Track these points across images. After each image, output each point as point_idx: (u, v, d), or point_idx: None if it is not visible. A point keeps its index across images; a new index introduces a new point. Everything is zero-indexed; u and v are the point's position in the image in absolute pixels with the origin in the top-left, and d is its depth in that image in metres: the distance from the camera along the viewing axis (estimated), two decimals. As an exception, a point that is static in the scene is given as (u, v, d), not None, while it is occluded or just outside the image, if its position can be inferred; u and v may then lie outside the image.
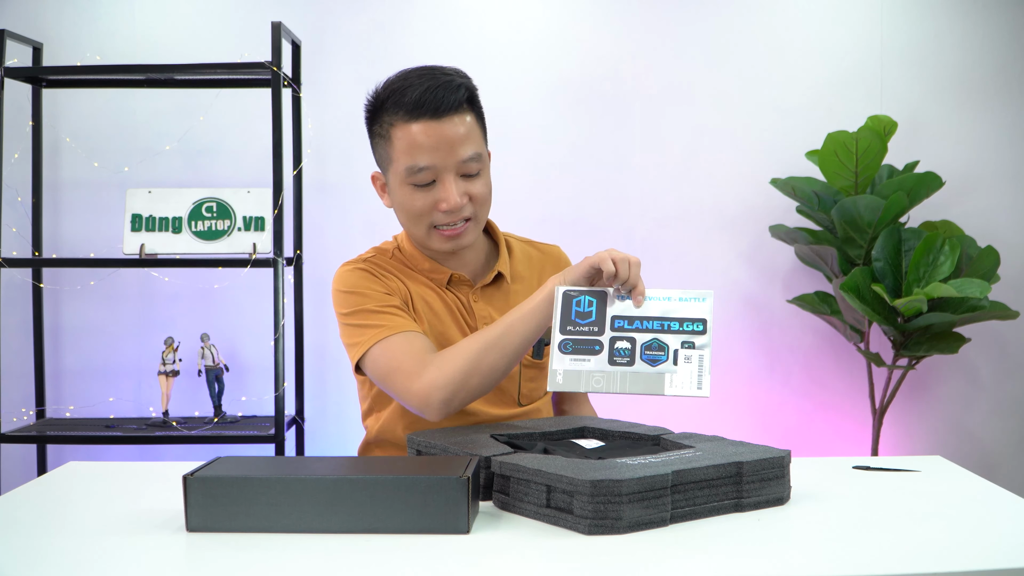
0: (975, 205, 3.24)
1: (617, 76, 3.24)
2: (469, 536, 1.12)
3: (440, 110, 1.52)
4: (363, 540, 1.11)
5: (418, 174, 1.54)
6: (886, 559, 1.04)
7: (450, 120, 1.53)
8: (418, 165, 1.54)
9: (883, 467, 1.48)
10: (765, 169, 3.22)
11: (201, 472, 1.16)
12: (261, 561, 1.05)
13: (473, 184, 1.57)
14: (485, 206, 1.61)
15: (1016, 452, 3.30)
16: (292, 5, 3.17)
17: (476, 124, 1.58)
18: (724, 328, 3.27)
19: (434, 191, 1.56)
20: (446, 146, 1.53)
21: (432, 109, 1.52)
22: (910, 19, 3.24)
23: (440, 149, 1.53)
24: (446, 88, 1.53)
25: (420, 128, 1.52)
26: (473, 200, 1.57)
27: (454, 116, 1.53)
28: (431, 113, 1.52)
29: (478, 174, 1.57)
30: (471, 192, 1.57)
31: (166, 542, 1.12)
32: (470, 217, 1.58)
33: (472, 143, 1.55)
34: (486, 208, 1.61)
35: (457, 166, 1.54)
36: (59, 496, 1.35)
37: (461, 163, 1.54)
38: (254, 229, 2.93)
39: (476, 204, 1.58)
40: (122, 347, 3.19)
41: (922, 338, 2.95)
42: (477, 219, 1.60)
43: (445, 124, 1.53)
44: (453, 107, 1.53)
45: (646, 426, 1.47)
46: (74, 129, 3.18)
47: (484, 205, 1.60)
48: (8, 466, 3.14)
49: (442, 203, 1.55)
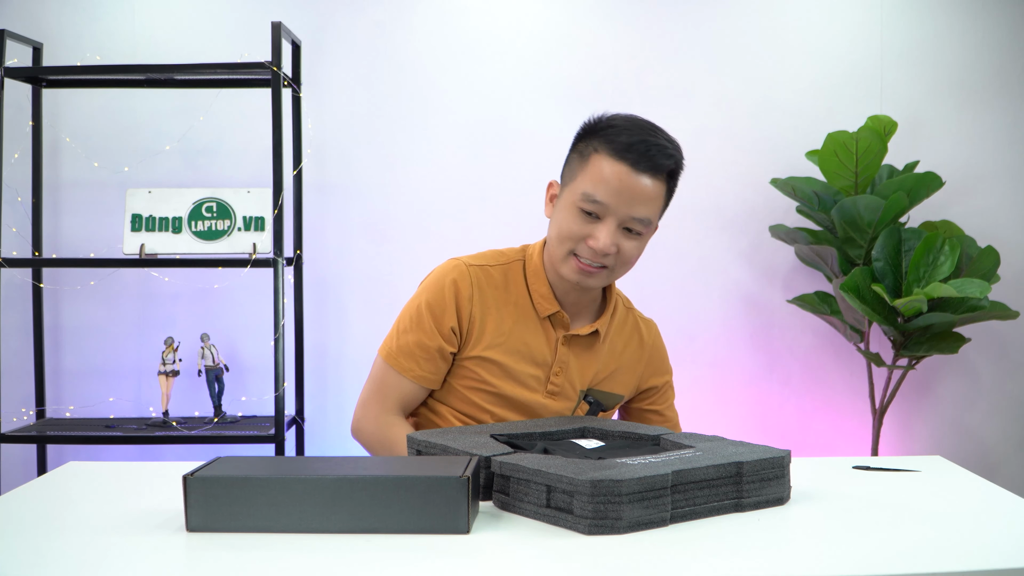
0: (975, 205, 3.24)
1: (617, 76, 3.24)
2: (469, 536, 1.12)
3: (641, 165, 1.59)
4: (363, 540, 1.11)
5: (591, 203, 1.59)
6: (886, 559, 1.04)
7: (645, 178, 1.59)
8: (595, 197, 1.59)
9: (883, 467, 1.48)
10: (765, 169, 3.22)
11: (201, 472, 1.16)
12: (261, 561, 1.05)
13: (629, 241, 1.61)
14: (626, 266, 1.65)
15: (1016, 452, 3.30)
16: (292, 5, 3.17)
17: (663, 195, 1.63)
18: (724, 328, 3.27)
19: (594, 225, 1.60)
20: (628, 196, 1.58)
21: (635, 161, 1.59)
22: (910, 19, 3.24)
23: (622, 195, 1.58)
24: (659, 151, 1.61)
25: (617, 170, 1.59)
26: (619, 254, 1.61)
27: (650, 177, 1.60)
28: (633, 163, 1.59)
29: (638, 235, 1.62)
30: (622, 247, 1.61)
31: (166, 542, 1.12)
32: (608, 266, 1.62)
33: (650, 208, 1.60)
34: (626, 268, 1.65)
35: (625, 218, 1.59)
36: (59, 496, 1.35)
37: (630, 218, 1.59)
38: (254, 229, 2.93)
39: (619, 259, 1.62)
40: (122, 347, 3.19)
41: (922, 338, 2.95)
42: (612, 271, 1.64)
43: (640, 178, 1.59)
44: (653, 170, 1.60)
45: (646, 426, 1.47)
46: (74, 129, 3.18)
47: (626, 264, 1.64)
48: (8, 466, 3.14)
49: (592, 239, 1.59)
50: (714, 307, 3.27)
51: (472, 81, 3.21)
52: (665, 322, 3.26)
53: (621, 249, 1.61)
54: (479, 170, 3.22)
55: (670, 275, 3.25)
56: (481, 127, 3.21)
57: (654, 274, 3.26)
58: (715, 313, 3.27)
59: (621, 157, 1.59)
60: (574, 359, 1.71)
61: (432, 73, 3.21)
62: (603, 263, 1.61)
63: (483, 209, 3.21)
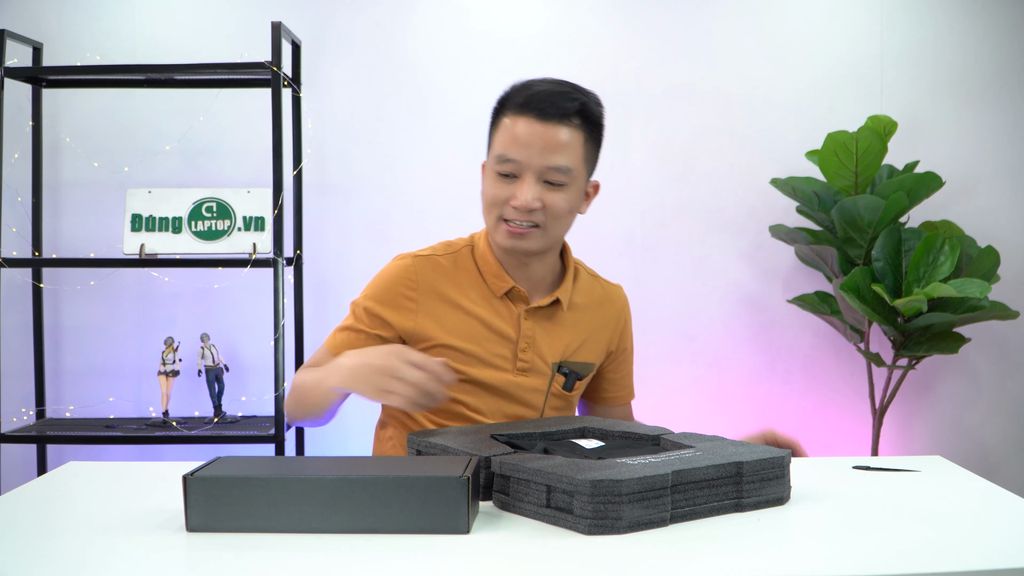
0: (975, 205, 3.24)
1: (617, 76, 3.24)
2: (469, 536, 1.12)
3: (546, 113, 1.56)
4: (363, 540, 1.11)
5: (504, 164, 1.58)
6: (886, 559, 1.04)
7: (552, 126, 1.57)
8: (507, 156, 1.58)
9: (883, 467, 1.48)
10: (765, 169, 3.22)
11: (201, 472, 1.16)
12: (261, 561, 1.05)
13: (552, 194, 1.58)
14: (558, 221, 1.61)
15: (1016, 452, 3.30)
16: (292, 5, 3.17)
17: (580, 142, 1.60)
18: (724, 328, 3.27)
19: (514, 185, 1.58)
20: (539, 147, 1.56)
21: (539, 110, 1.57)
22: (910, 19, 3.24)
23: (533, 147, 1.56)
24: (561, 96, 1.58)
25: (522, 123, 1.57)
26: (545, 209, 1.58)
27: (558, 124, 1.57)
28: (537, 113, 1.57)
29: (561, 187, 1.59)
30: (546, 201, 1.58)
31: (166, 542, 1.12)
32: (539, 224, 1.59)
33: (566, 155, 1.57)
34: (559, 224, 1.62)
35: (541, 170, 1.57)
36: (59, 496, 1.35)
37: (546, 168, 1.57)
38: (254, 229, 2.94)
39: (548, 215, 1.59)
40: (122, 347, 3.19)
41: (922, 338, 2.95)
42: (546, 230, 1.60)
43: (546, 128, 1.57)
44: (559, 115, 1.57)
45: (646, 426, 1.47)
46: (74, 129, 3.18)
47: (557, 220, 1.60)
48: (8, 466, 3.14)
49: (514, 198, 1.57)
50: (714, 307, 3.26)
51: (472, 81, 3.21)
52: (665, 322, 3.28)
53: (546, 203, 1.58)
54: (479, 170, 3.22)
55: (670, 275, 3.25)
56: (481, 127, 3.20)
57: (654, 274, 3.26)
58: (715, 313, 3.26)
59: (525, 111, 1.58)
60: (541, 333, 1.68)
61: (432, 73, 3.21)
62: (531, 221, 1.59)
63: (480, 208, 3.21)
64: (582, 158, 1.61)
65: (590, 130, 1.63)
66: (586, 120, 1.61)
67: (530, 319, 1.67)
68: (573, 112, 1.58)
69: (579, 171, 1.61)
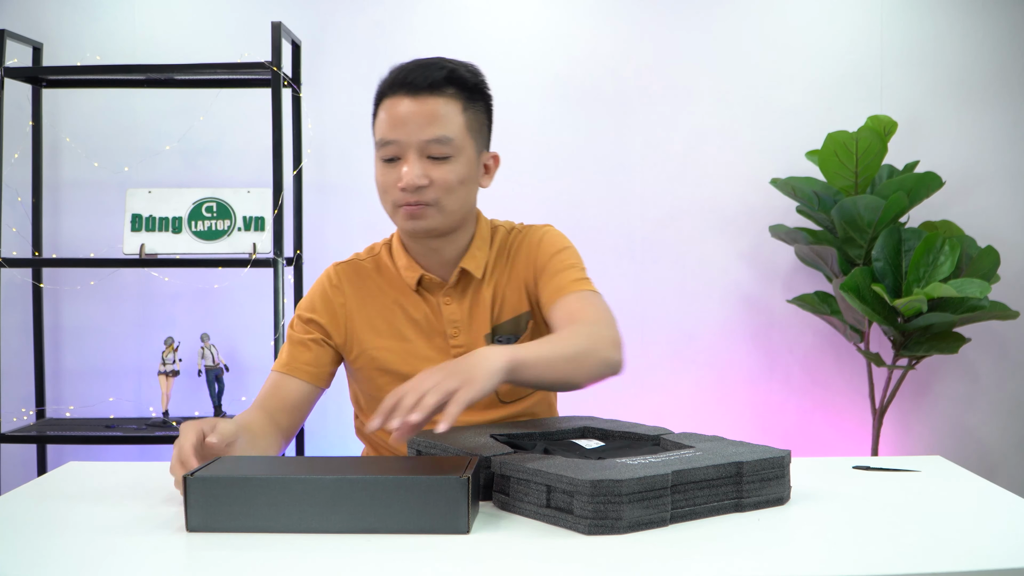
0: (975, 205, 3.24)
1: (617, 76, 3.24)
2: (469, 536, 1.12)
3: (415, 86, 1.51)
4: (363, 540, 1.11)
5: (385, 148, 1.53)
6: (886, 559, 1.04)
7: (424, 99, 1.51)
8: (385, 139, 1.53)
9: (883, 467, 1.48)
10: (765, 169, 3.22)
11: (201, 472, 1.16)
12: (261, 561, 1.05)
13: (438, 168, 1.52)
14: (452, 195, 1.54)
15: (1016, 452, 3.30)
16: (292, 5, 3.17)
17: (459, 111, 1.53)
18: (724, 328, 3.27)
19: (399, 168, 1.53)
20: (413, 123, 1.50)
21: (407, 84, 1.51)
22: (910, 19, 3.24)
23: (407, 124, 1.51)
24: (428, 67, 1.52)
25: (394, 103, 1.52)
26: (434, 185, 1.52)
27: (429, 96, 1.51)
28: (406, 89, 1.51)
29: (447, 159, 1.52)
30: (433, 176, 1.52)
31: (166, 542, 1.12)
32: (430, 202, 1.53)
33: (443, 126, 1.51)
34: (454, 198, 1.54)
35: (421, 145, 1.51)
36: (59, 496, 1.35)
37: (424, 143, 1.51)
38: (254, 229, 2.94)
39: (439, 190, 1.53)
40: (122, 347, 3.19)
41: (922, 338, 2.95)
42: (440, 206, 1.54)
43: (417, 101, 1.51)
44: (428, 87, 1.51)
45: (646, 426, 1.47)
46: (74, 129, 3.18)
47: (450, 194, 1.54)
48: (8, 466, 3.14)
49: (400, 180, 1.52)
50: (714, 307, 3.26)
51: (472, 81, 3.21)
52: (665, 322, 3.28)
53: (434, 178, 1.52)
54: (479, 170, 3.22)
55: (670, 275, 3.25)
56: (481, 127, 3.21)
57: (654, 274, 3.26)
58: (715, 313, 3.26)
59: (396, 90, 1.52)
60: (466, 311, 1.62)
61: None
62: (422, 199, 1.52)
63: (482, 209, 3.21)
64: (463, 127, 1.54)
65: (468, 98, 1.55)
66: (461, 87, 1.54)
67: (452, 302, 1.62)
68: (442, 80, 1.52)
69: (463, 140, 1.54)
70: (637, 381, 3.24)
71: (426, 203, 1.53)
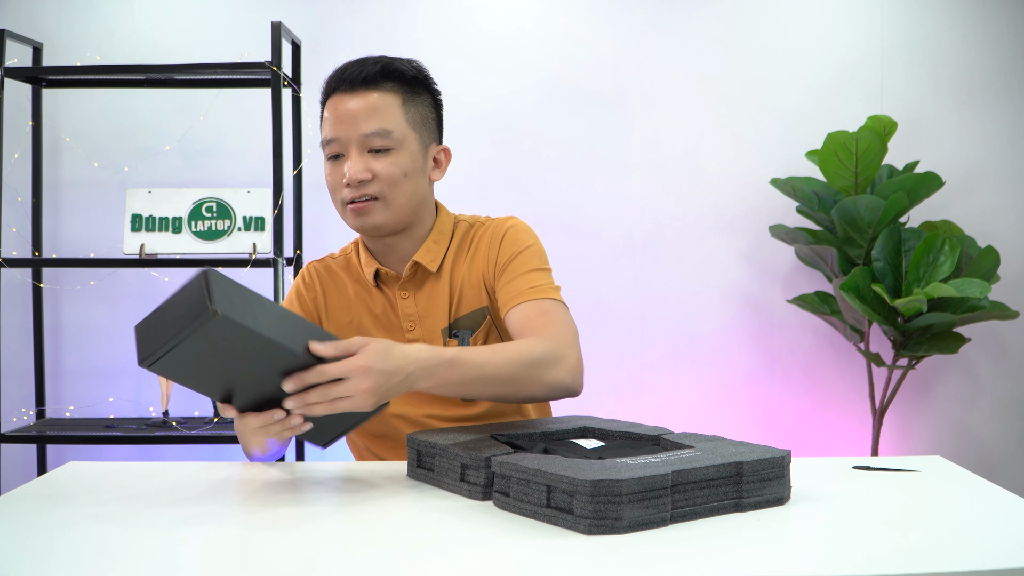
0: (975, 205, 3.24)
1: (617, 76, 3.24)
2: (469, 536, 1.12)
3: (350, 83, 1.53)
4: (364, 540, 1.11)
5: (328, 146, 1.55)
6: (886, 559, 1.04)
7: (360, 94, 1.53)
8: (328, 137, 1.55)
9: (883, 467, 1.48)
10: (765, 169, 3.22)
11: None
12: (261, 561, 1.05)
13: (379, 161, 1.53)
14: (396, 188, 1.54)
15: (1016, 452, 3.30)
16: (292, 5, 3.17)
17: (398, 104, 1.54)
18: (724, 328, 3.27)
19: (342, 165, 1.54)
20: (349, 119, 1.52)
21: (344, 82, 1.54)
22: (910, 19, 3.24)
23: (345, 121, 1.53)
24: (363, 63, 1.54)
25: (334, 101, 1.55)
26: (377, 178, 1.53)
27: (365, 91, 1.53)
28: (344, 86, 1.54)
29: (388, 152, 1.53)
30: (375, 169, 1.52)
31: (166, 542, 1.12)
32: (375, 195, 1.53)
33: (379, 119, 1.53)
34: (399, 191, 1.54)
35: (360, 140, 1.52)
36: (59, 496, 1.35)
37: (363, 137, 1.52)
38: (254, 229, 2.94)
39: (383, 183, 1.53)
40: (122, 347, 3.19)
41: (922, 338, 2.95)
42: (386, 200, 1.54)
43: (353, 97, 1.53)
44: (363, 82, 1.53)
45: (646, 426, 1.47)
46: (74, 129, 3.18)
47: (394, 187, 1.54)
48: (8, 466, 3.14)
49: (345, 175, 1.53)
50: (714, 307, 3.27)
51: (472, 81, 3.21)
52: (665, 322, 3.28)
53: (376, 172, 1.52)
54: (478, 170, 3.22)
55: (670, 275, 3.25)
56: (481, 127, 3.21)
57: (654, 274, 3.26)
58: (715, 313, 3.26)
59: (335, 90, 1.55)
60: (422, 306, 1.62)
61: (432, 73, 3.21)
62: (367, 193, 1.53)
63: (482, 209, 3.20)
64: (404, 120, 1.54)
65: (409, 91, 1.56)
66: (399, 80, 1.55)
67: (408, 296, 1.62)
68: (376, 74, 1.53)
69: (404, 133, 1.54)
70: (637, 381, 3.24)
71: (372, 196, 1.53)
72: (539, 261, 1.61)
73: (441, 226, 1.65)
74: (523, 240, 1.63)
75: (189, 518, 1.21)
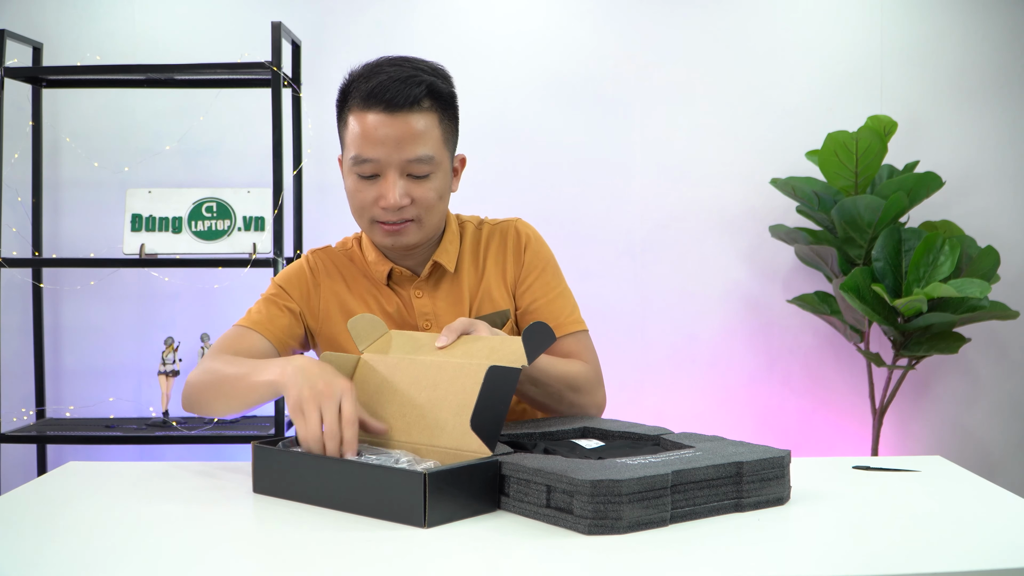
0: (975, 205, 3.24)
1: (617, 76, 3.24)
2: (469, 535, 1.12)
3: (394, 104, 1.47)
4: (365, 533, 1.11)
5: (362, 165, 1.50)
6: (886, 559, 1.04)
7: (403, 116, 1.48)
8: (362, 156, 1.49)
9: (883, 467, 1.48)
10: (765, 169, 3.22)
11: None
12: (262, 560, 1.05)
13: (419, 186, 1.51)
14: (432, 212, 1.54)
15: (1016, 452, 3.30)
16: (292, 5, 3.17)
17: (436, 125, 1.52)
18: (724, 328, 3.27)
19: (377, 185, 1.51)
20: (392, 142, 1.47)
21: (385, 101, 1.47)
22: (910, 19, 3.24)
23: (386, 144, 1.48)
24: (406, 82, 1.48)
25: (371, 119, 1.48)
26: (416, 203, 1.52)
27: (409, 113, 1.48)
28: (384, 106, 1.47)
29: (427, 177, 1.51)
30: (415, 195, 1.51)
31: (166, 542, 1.12)
32: (411, 218, 1.53)
33: (424, 144, 1.49)
34: (433, 213, 1.54)
35: (402, 165, 1.49)
36: (59, 496, 1.35)
37: (406, 162, 1.49)
38: (254, 229, 2.94)
39: (420, 207, 1.52)
40: (122, 347, 3.19)
41: (922, 338, 2.95)
42: (421, 223, 1.54)
43: (397, 120, 1.47)
44: (408, 103, 1.47)
45: (646, 426, 1.47)
46: (74, 129, 3.18)
47: (431, 211, 1.54)
48: (8, 466, 3.14)
49: (382, 199, 1.50)
50: (714, 307, 3.27)
51: (472, 81, 3.21)
52: (665, 322, 3.28)
53: (415, 197, 1.51)
54: (478, 170, 3.22)
55: (670, 275, 3.25)
56: (481, 127, 3.21)
57: (654, 274, 3.26)
58: (715, 313, 3.26)
59: (370, 105, 1.47)
60: (439, 305, 1.62)
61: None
62: (404, 217, 1.51)
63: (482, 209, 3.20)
64: (441, 141, 1.53)
65: (443, 108, 1.54)
66: (436, 99, 1.52)
67: (423, 295, 1.62)
68: (422, 96, 1.49)
69: (441, 155, 1.53)
70: (637, 381, 3.24)
71: (408, 220, 1.53)
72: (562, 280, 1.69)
73: (451, 227, 1.66)
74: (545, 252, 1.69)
75: (189, 518, 1.21)
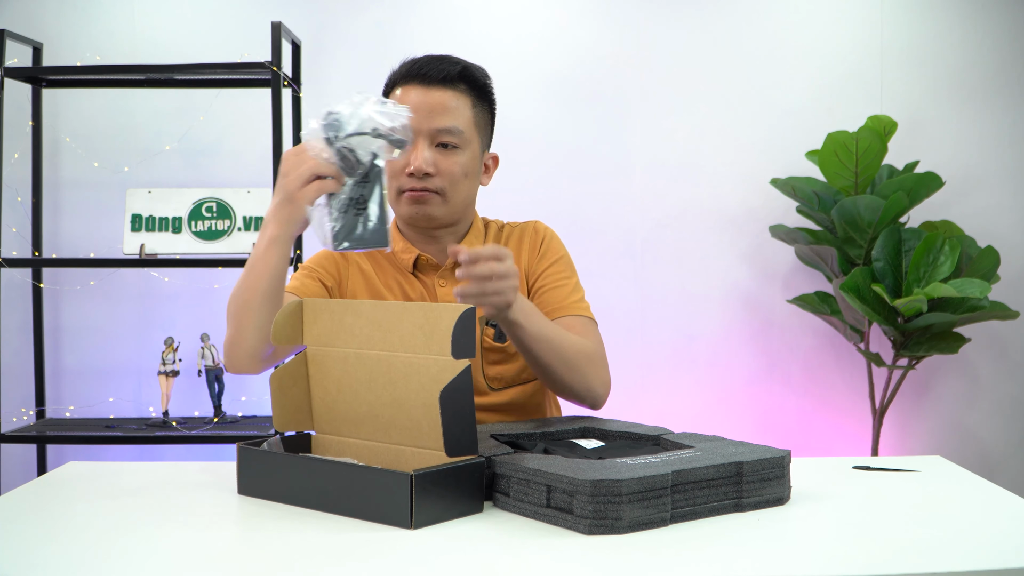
0: (975, 205, 3.24)
1: (617, 76, 3.24)
2: (469, 535, 1.12)
3: (429, 78, 1.59)
4: (364, 534, 1.11)
5: None
6: (886, 559, 1.04)
7: (437, 90, 1.59)
8: None
9: (883, 467, 1.48)
10: (765, 169, 3.22)
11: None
12: (260, 561, 1.05)
13: (446, 158, 1.59)
14: (457, 185, 1.61)
15: (1016, 452, 3.30)
16: (292, 5, 3.17)
17: (468, 107, 1.62)
18: (724, 328, 3.27)
19: (406, 154, 1.58)
20: (425, 111, 1.57)
21: (422, 76, 1.60)
22: (910, 19, 3.24)
23: (420, 111, 1.57)
24: (443, 61, 1.61)
25: (408, 91, 1.60)
26: (441, 173, 1.59)
27: (442, 88, 1.59)
28: (421, 79, 1.60)
29: (455, 149, 1.59)
30: (441, 165, 1.59)
31: (166, 542, 1.12)
32: (436, 189, 1.59)
33: (453, 117, 1.59)
34: (458, 188, 1.61)
35: (432, 133, 1.58)
36: (59, 496, 1.35)
37: (436, 131, 1.58)
38: (254, 229, 2.94)
39: (445, 178, 1.59)
40: (122, 347, 3.19)
41: (922, 338, 2.95)
42: (445, 196, 1.60)
43: (431, 92, 1.59)
44: (442, 79, 1.59)
45: (646, 426, 1.47)
46: (74, 129, 3.18)
47: (456, 184, 1.61)
48: (8, 466, 3.14)
49: (408, 166, 1.58)
50: (714, 307, 3.26)
51: (472, 81, 3.21)
52: (665, 322, 3.28)
53: (441, 167, 1.59)
54: (479, 170, 3.22)
55: (670, 275, 3.25)
56: (481, 127, 3.21)
57: (654, 274, 3.26)
58: (715, 313, 3.26)
59: (410, 80, 1.61)
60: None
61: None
62: (429, 186, 1.59)
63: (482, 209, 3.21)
64: (472, 122, 1.62)
65: (477, 96, 1.64)
66: (471, 85, 1.63)
67: (447, 284, 1.67)
68: (456, 75, 1.61)
69: (470, 134, 1.62)
70: (637, 381, 3.24)
71: (432, 190, 1.59)
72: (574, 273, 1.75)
73: (477, 225, 1.74)
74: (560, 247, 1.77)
75: (189, 518, 1.21)
